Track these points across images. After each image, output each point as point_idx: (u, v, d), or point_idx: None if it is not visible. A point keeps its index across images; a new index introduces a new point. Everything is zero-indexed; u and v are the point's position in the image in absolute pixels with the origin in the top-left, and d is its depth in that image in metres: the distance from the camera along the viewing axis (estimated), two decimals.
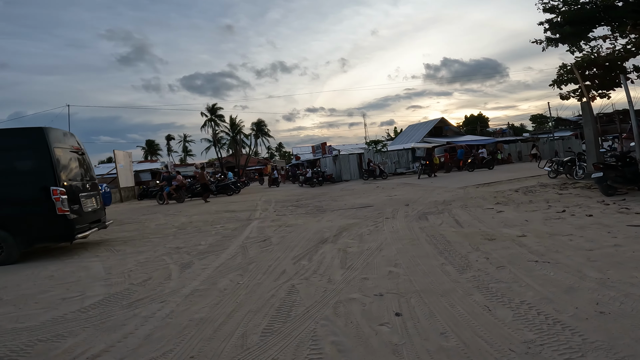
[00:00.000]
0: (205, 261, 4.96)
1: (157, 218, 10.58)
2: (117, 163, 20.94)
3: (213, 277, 4.20)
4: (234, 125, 51.64)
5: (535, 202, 7.68)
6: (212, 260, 4.99)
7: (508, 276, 3.35)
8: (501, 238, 4.81)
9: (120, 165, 21.24)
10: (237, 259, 4.94)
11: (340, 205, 10.22)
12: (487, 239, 4.80)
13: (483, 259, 3.97)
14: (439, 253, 4.35)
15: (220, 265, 4.70)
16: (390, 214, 7.81)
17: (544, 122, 65.05)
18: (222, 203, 14.27)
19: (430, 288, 3.24)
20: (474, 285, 3.19)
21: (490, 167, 21.03)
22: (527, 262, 3.70)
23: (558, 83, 11.93)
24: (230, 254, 5.28)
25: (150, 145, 67.61)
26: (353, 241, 5.47)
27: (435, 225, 6.12)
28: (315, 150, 31.29)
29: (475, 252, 4.26)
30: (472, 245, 4.54)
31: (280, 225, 7.56)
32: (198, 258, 5.16)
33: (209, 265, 4.71)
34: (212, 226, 8.11)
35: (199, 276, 4.27)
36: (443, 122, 32.11)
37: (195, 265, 4.81)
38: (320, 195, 14.29)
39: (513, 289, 3.03)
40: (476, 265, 3.75)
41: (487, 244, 4.55)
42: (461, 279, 3.40)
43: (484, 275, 3.44)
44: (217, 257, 5.16)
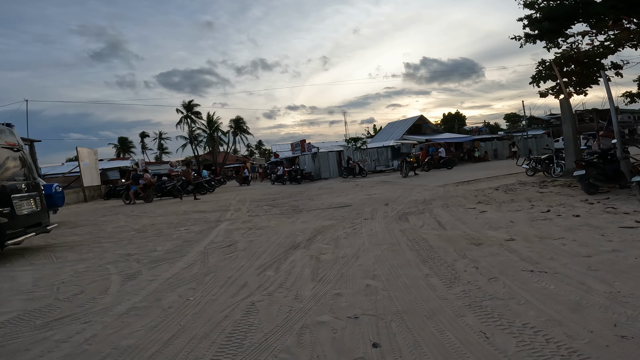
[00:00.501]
0: (156, 271, 4.29)
1: (117, 220, 9.70)
2: (81, 161, 19.56)
3: (159, 291, 3.56)
4: (211, 122, 50.19)
5: (517, 201, 7.39)
6: (164, 270, 4.33)
7: (503, 290, 2.89)
8: (488, 242, 4.39)
9: (84, 163, 19.89)
10: (194, 269, 4.30)
11: (317, 205, 9.67)
12: (474, 244, 4.37)
13: (472, 268, 3.50)
14: (422, 261, 3.86)
15: (172, 276, 4.05)
16: (369, 215, 7.33)
17: (517, 120, 66.89)
18: (192, 203, 13.44)
19: (414, 307, 2.73)
20: (465, 304, 2.71)
21: (449, 167, 20.34)
22: (521, 272, 3.26)
23: (537, 80, 11.79)
24: (187, 262, 4.63)
25: (123, 142, 65.04)
26: (327, 246, 4.93)
27: (417, 228, 5.66)
28: (294, 147, 30.64)
29: (462, 259, 3.80)
30: (458, 252, 4.09)
31: (250, 227, 6.94)
32: (148, 267, 4.48)
33: (158, 277, 4.05)
34: (175, 229, 7.38)
35: (143, 290, 3.62)
36: (422, 119, 32.11)
37: (142, 276, 4.14)
38: (297, 194, 13.70)
39: (511, 308, 2.56)
40: (465, 277, 3.28)
41: (474, 250, 4.11)
42: (449, 294, 2.91)
43: (475, 289, 2.97)
44: (171, 266, 4.50)
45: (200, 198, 15.39)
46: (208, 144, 51.11)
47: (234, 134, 51.81)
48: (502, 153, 29.94)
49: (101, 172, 24.47)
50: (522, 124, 61.74)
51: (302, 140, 28.71)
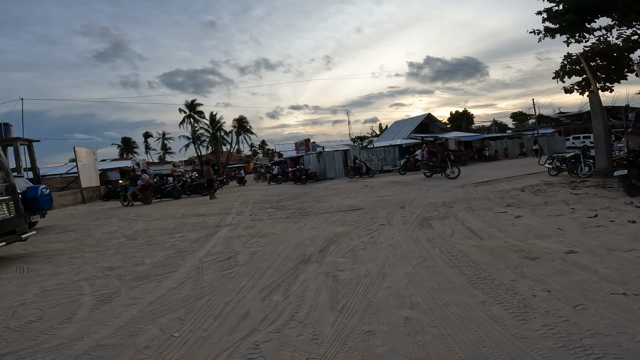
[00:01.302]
0: (138, 292, 3.54)
1: (109, 224, 8.98)
2: (79, 161, 18.91)
3: (137, 321, 2.81)
4: (214, 122, 49.55)
5: (553, 204, 6.57)
6: (148, 290, 3.58)
7: (602, 323, 2.11)
8: (545, 256, 3.59)
9: (82, 164, 19.24)
10: (184, 290, 3.54)
11: (325, 208, 8.89)
12: (527, 258, 3.57)
13: (542, 291, 2.72)
14: (470, 283, 3.07)
15: (156, 300, 3.30)
16: (385, 219, 6.54)
17: (524, 119, 65.75)
18: (193, 204, 12.72)
19: (483, 354, 1.95)
20: (557, 344, 1.93)
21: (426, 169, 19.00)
22: (611, 297, 2.48)
23: (561, 75, 10.95)
24: (177, 280, 3.87)
25: (126, 142, 64.77)
26: (344, 260, 4.15)
27: (446, 236, 4.87)
28: (299, 147, 29.88)
29: (522, 279, 3.01)
30: (513, 269, 3.30)
31: (253, 234, 6.17)
32: (129, 286, 3.74)
33: (139, 300, 3.30)
34: (170, 236, 6.64)
35: (117, 319, 2.87)
36: (430, 118, 31.24)
37: (119, 298, 3.39)
38: (303, 195, 12.94)
39: (629, 347, 1.77)
40: (538, 305, 2.49)
41: (532, 266, 3.32)
42: (528, 331, 2.13)
43: (562, 322, 2.19)
44: (157, 285, 3.74)
45: (216, 197, 14.91)
46: (211, 144, 50.49)
47: (237, 134, 51.14)
48: (513, 152, 29.01)
49: (101, 172, 23.86)
50: (530, 122, 60.79)
51: (306, 140, 27.93)
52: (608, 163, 9.51)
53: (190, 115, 48.43)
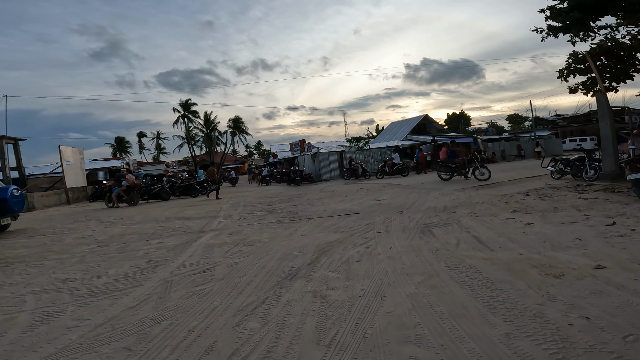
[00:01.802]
0: (87, 310, 2.99)
1: (86, 227, 8.36)
2: (64, 160, 18.19)
3: (73, 349, 2.29)
4: (208, 122, 48.84)
5: (564, 210, 6.08)
6: (101, 309, 3.02)
7: None
8: (570, 272, 3.07)
9: (67, 163, 18.52)
10: (143, 310, 2.99)
11: (318, 212, 8.35)
12: (550, 275, 3.05)
13: (578, 318, 2.20)
14: (487, 307, 2.54)
15: (107, 321, 2.75)
16: (383, 226, 6.01)
17: (520, 121, 65.71)
18: (180, 207, 12.11)
19: None
20: None
21: (404, 174, 18.18)
22: None
23: (566, 74, 10.52)
24: (139, 297, 3.31)
25: (119, 142, 63.97)
26: (336, 276, 3.61)
27: (451, 246, 4.34)
28: (294, 147, 29.32)
29: (550, 302, 2.50)
30: (535, 288, 2.78)
31: (237, 242, 5.61)
32: (80, 303, 3.18)
33: (85, 321, 2.75)
34: (146, 242, 6.06)
35: (51, 343, 2.34)
36: (427, 119, 30.81)
37: (63, 317, 2.84)
38: (296, 198, 12.38)
39: None
40: (578, 336, 1.97)
41: (558, 285, 2.80)
42: None
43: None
44: (113, 302, 3.18)
45: (222, 198, 14.44)
46: (205, 144, 49.78)
47: (232, 134, 50.46)
48: (510, 154, 28.65)
49: (89, 172, 23.16)
50: (526, 124, 60.72)
51: (301, 140, 27.38)
52: (616, 166, 9.07)
53: (185, 115, 47.67)
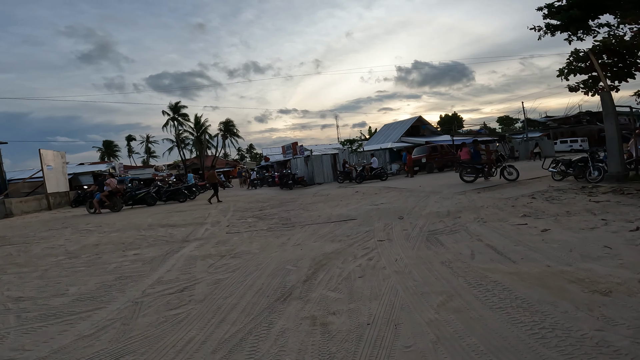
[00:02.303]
0: (31, 339, 2.42)
1: (60, 236, 7.68)
2: (45, 164, 17.32)
3: None
4: (199, 125, 47.99)
5: (577, 214, 5.65)
6: (48, 337, 2.44)
7: None
8: (616, 287, 2.59)
9: (48, 167, 17.66)
10: (101, 340, 2.42)
11: (313, 218, 7.81)
12: (595, 291, 2.57)
13: None
14: (532, 336, 2.02)
15: (50, 355, 2.20)
16: (384, 233, 5.50)
17: (510, 123, 66.14)
18: (166, 213, 11.44)
19: None
20: None
21: (382, 178, 17.61)
22: None
23: (567, 73, 10.18)
24: (98, 322, 2.73)
25: (108, 146, 62.72)
26: (337, 296, 3.08)
27: (465, 258, 3.84)
28: (286, 150, 28.78)
29: (610, 327, 2.02)
30: (585, 309, 2.29)
31: (224, 253, 5.03)
32: (25, 329, 2.61)
33: (24, 352, 2.22)
34: (122, 252, 5.44)
35: None
36: (420, 121, 30.53)
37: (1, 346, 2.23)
38: (289, 202, 11.82)
39: None
40: None
41: (610, 305, 2.32)
42: None
43: None
44: (65, 329, 2.60)
45: (222, 201, 14.15)
46: (195, 147, 48.89)
47: (223, 137, 49.69)
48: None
49: (72, 176, 22.27)
50: (517, 126, 61.08)
51: (293, 143, 26.87)
52: (622, 167, 8.72)
53: (174, 118, 46.80)
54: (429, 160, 19.60)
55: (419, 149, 21.51)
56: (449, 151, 20.95)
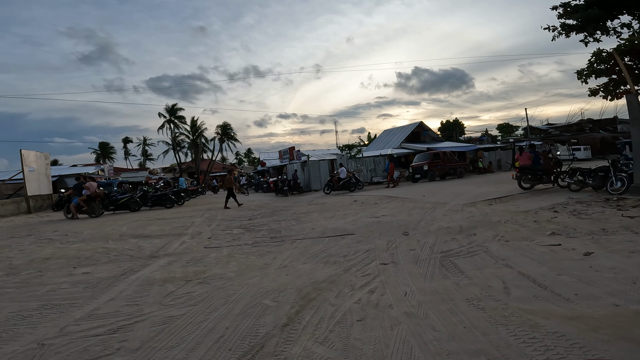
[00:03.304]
0: None
1: (17, 245, 6.72)
2: (26, 166, 16.34)
3: None
4: (195, 128, 47.11)
5: (615, 233, 4.76)
6: None
7: None
8: None
9: (29, 169, 16.67)
10: None
11: (305, 231, 6.89)
12: None
13: None
14: None
15: None
16: (387, 254, 4.59)
17: (510, 130, 65.53)
18: (145, 220, 10.49)
19: None
20: None
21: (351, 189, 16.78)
22: None
23: (587, 74, 9.38)
24: None
25: (103, 148, 61.73)
26: (326, 354, 2.15)
27: (498, 293, 2.93)
28: (283, 155, 27.87)
29: None
30: None
31: (191, 276, 4.09)
32: None
33: None
34: (71, 270, 4.50)
35: None
36: (421, 127, 29.72)
37: None
38: (282, 211, 10.89)
39: None
40: None
41: None
42: None
43: None
44: None
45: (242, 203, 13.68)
46: (191, 150, 47.96)
47: (220, 141, 48.75)
48: (506, 164, 27.64)
49: (57, 178, 21.27)
50: (517, 133, 60.47)
51: (290, 148, 25.95)
52: None
53: (171, 120, 45.93)
54: (431, 167, 18.72)
55: (420, 156, 20.66)
56: (452, 158, 20.09)
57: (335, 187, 16.89)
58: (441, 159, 19.13)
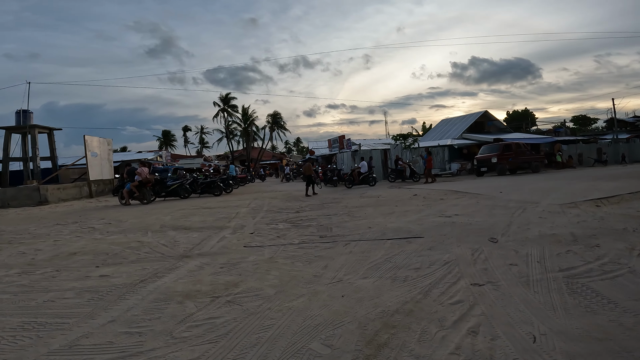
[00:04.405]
0: None
1: (57, 234, 6.48)
2: (89, 151, 17.07)
3: None
4: (246, 116, 47.85)
5: None
6: None
7: None
8: None
9: (92, 154, 17.43)
10: None
11: (360, 229, 5.81)
12: None
13: None
14: None
15: None
16: (478, 270, 3.36)
17: (587, 123, 58.13)
18: (192, 208, 10.10)
19: None
20: None
21: (371, 183, 16.16)
22: None
23: None
24: None
25: (165, 135, 65.49)
26: None
27: None
28: (332, 144, 26.90)
29: None
30: None
31: (220, 291, 3.22)
32: None
33: None
34: (90, 270, 3.88)
35: None
36: (486, 117, 26.85)
37: None
38: (332, 204, 9.90)
39: None
40: None
41: None
42: None
43: None
44: None
45: (317, 193, 13.19)
46: (242, 138, 48.91)
47: (270, 130, 49.10)
48: (589, 159, 24.04)
49: (119, 164, 22.27)
50: (598, 126, 53.47)
51: (340, 136, 24.86)
52: None
53: (224, 109, 47.07)
54: (501, 160, 16.52)
55: (487, 147, 18.43)
56: (526, 150, 17.65)
57: (355, 182, 16.36)
58: (513, 151, 16.83)
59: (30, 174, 20.01)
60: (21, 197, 13.70)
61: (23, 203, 13.43)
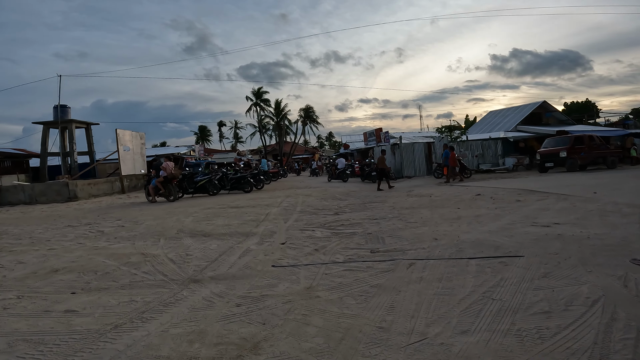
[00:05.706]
0: None
1: (58, 239, 5.61)
2: (121, 145, 16.76)
3: None
4: (279, 110, 47.20)
5: None
6: None
7: None
8: None
9: (125, 148, 17.10)
10: None
11: (423, 241, 4.39)
12: None
13: None
14: None
15: None
16: None
17: None
18: (218, 208, 9.10)
19: None
20: None
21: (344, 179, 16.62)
22: None
23: None
24: None
25: (202, 130, 66.70)
26: None
27: None
28: (368, 137, 25.27)
29: None
30: None
31: (227, 354, 1.97)
32: None
33: None
34: (53, 300, 2.81)
35: None
36: (543, 107, 24.00)
37: None
38: (376, 203, 8.51)
39: None
40: None
41: None
42: None
43: None
44: None
45: (383, 189, 12.20)
46: (275, 133, 48.38)
47: (303, 124, 48.17)
48: None
49: (152, 158, 22.08)
50: None
51: (377, 129, 23.17)
52: None
53: (257, 103, 46.68)
54: (572, 155, 14.21)
55: (552, 140, 16.08)
56: (601, 144, 15.18)
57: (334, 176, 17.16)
58: (586, 144, 14.46)
59: (68, 169, 20.21)
60: (50, 193, 13.45)
61: (52, 199, 13.17)
